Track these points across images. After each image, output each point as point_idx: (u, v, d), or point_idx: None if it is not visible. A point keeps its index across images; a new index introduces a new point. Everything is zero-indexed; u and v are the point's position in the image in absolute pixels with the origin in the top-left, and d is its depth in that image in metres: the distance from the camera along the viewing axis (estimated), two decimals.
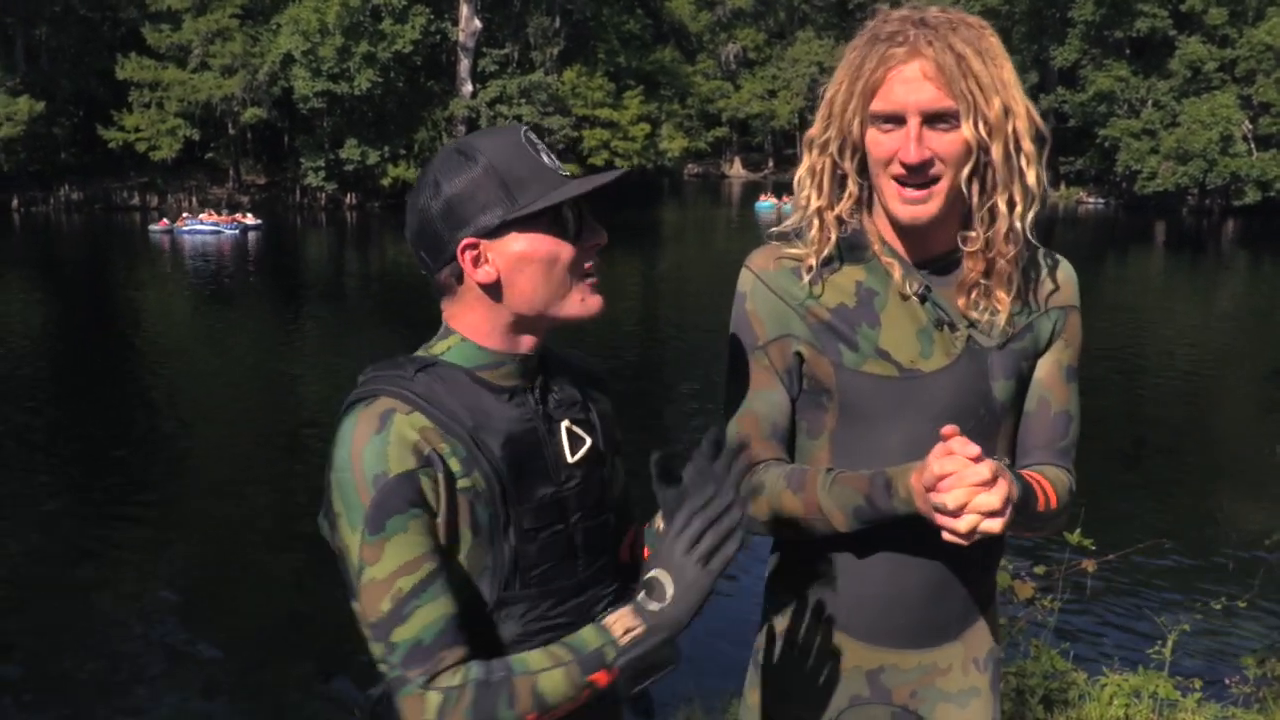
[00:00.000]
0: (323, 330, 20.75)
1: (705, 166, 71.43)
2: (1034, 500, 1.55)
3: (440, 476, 1.34)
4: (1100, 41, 48.94)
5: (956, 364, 1.63)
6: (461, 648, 1.33)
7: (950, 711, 1.75)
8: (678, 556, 1.32)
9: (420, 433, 1.35)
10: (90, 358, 17.56)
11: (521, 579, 1.41)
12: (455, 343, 1.44)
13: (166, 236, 35.79)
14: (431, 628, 1.31)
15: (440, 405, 1.37)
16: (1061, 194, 53.48)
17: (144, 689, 6.91)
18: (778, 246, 1.72)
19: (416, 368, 1.40)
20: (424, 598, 1.31)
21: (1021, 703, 4.05)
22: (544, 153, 1.42)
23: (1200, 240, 40.35)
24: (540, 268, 1.40)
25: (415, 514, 1.32)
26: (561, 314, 1.43)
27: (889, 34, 1.53)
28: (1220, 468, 11.54)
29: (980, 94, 1.51)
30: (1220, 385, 15.96)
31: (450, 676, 1.30)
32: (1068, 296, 1.71)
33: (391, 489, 1.31)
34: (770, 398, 1.70)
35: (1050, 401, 1.69)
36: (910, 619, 1.71)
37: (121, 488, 10.92)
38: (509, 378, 1.44)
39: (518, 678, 1.31)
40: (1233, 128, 44.79)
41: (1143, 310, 22.85)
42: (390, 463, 1.32)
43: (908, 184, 1.55)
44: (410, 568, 1.31)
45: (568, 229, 1.41)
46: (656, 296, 24.95)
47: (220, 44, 43.95)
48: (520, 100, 46.34)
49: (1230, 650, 6.05)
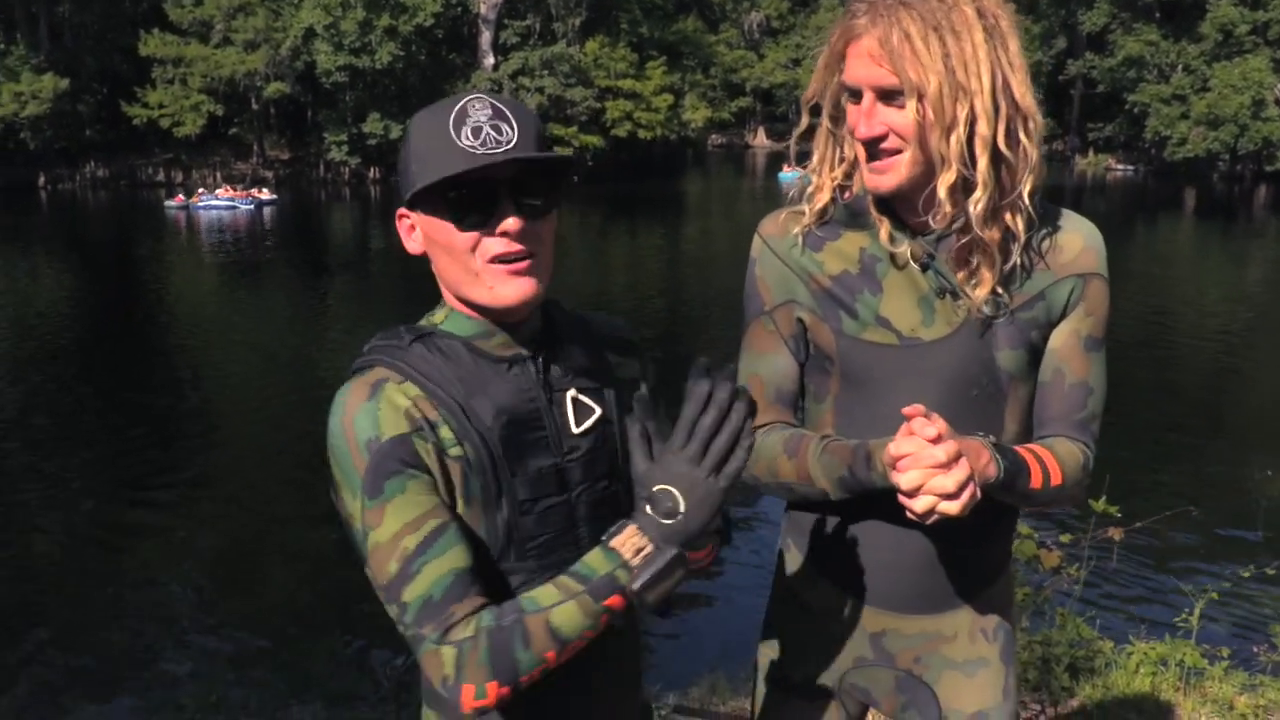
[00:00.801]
0: (344, 303, 20.87)
1: (729, 137, 71.13)
2: (1025, 478, 1.53)
3: (432, 445, 1.34)
4: (1130, 5, 48.24)
5: (958, 333, 1.61)
6: (474, 599, 1.31)
7: (957, 679, 1.75)
8: (685, 467, 1.27)
9: (412, 401, 1.35)
10: (111, 334, 17.73)
11: (518, 550, 1.40)
12: (449, 312, 1.44)
13: (182, 213, 36.04)
14: (440, 583, 1.30)
15: (433, 375, 1.37)
16: (1090, 161, 52.93)
17: (174, 661, 7.01)
18: (788, 211, 1.72)
19: (412, 337, 1.40)
20: (430, 554, 1.30)
21: (1047, 671, 4.04)
22: (470, 129, 1.33)
23: (1231, 207, 39.86)
24: (439, 250, 1.38)
25: (412, 474, 1.32)
26: (474, 299, 1.38)
27: (856, 5, 1.52)
28: (1249, 435, 11.44)
29: (921, 73, 1.45)
30: (1251, 353, 15.81)
31: (463, 628, 1.29)
32: (1087, 263, 1.63)
33: (385, 452, 1.31)
34: (775, 362, 1.71)
35: (1065, 372, 1.65)
36: (911, 584, 1.71)
37: (148, 462, 11.03)
38: (506, 346, 1.42)
39: (530, 616, 1.28)
40: (1265, 92, 44.12)
41: (1172, 278, 22.64)
42: (382, 427, 1.32)
43: (872, 156, 1.54)
44: (413, 526, 1.31)
45: (460, 213, 1.34)
46: (680, 267, 24.91)
47: (243, 19, 44.03)
48: (543, 72, 46.20)
49: (1258, 619, 6.02)
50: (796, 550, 1.82)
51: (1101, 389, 1.68)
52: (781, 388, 1.71)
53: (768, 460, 1.68)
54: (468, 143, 1.31)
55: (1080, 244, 1.64)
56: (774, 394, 1.71)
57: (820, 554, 1.77)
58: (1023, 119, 1.51)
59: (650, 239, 27.39)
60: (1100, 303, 1.65)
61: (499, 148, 1.31)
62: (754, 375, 1.73)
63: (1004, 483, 1.50)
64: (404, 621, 1.31)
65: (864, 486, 1.56)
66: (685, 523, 1.28)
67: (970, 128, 1.48)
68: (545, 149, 1.37)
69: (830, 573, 1.76)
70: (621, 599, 1.29)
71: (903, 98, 1.48)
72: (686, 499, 1.27)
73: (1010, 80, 1.50)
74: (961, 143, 1.49)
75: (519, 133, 1.33)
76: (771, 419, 1.71)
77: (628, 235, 31.31)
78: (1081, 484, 1.65)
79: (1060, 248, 1.63)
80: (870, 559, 1.71)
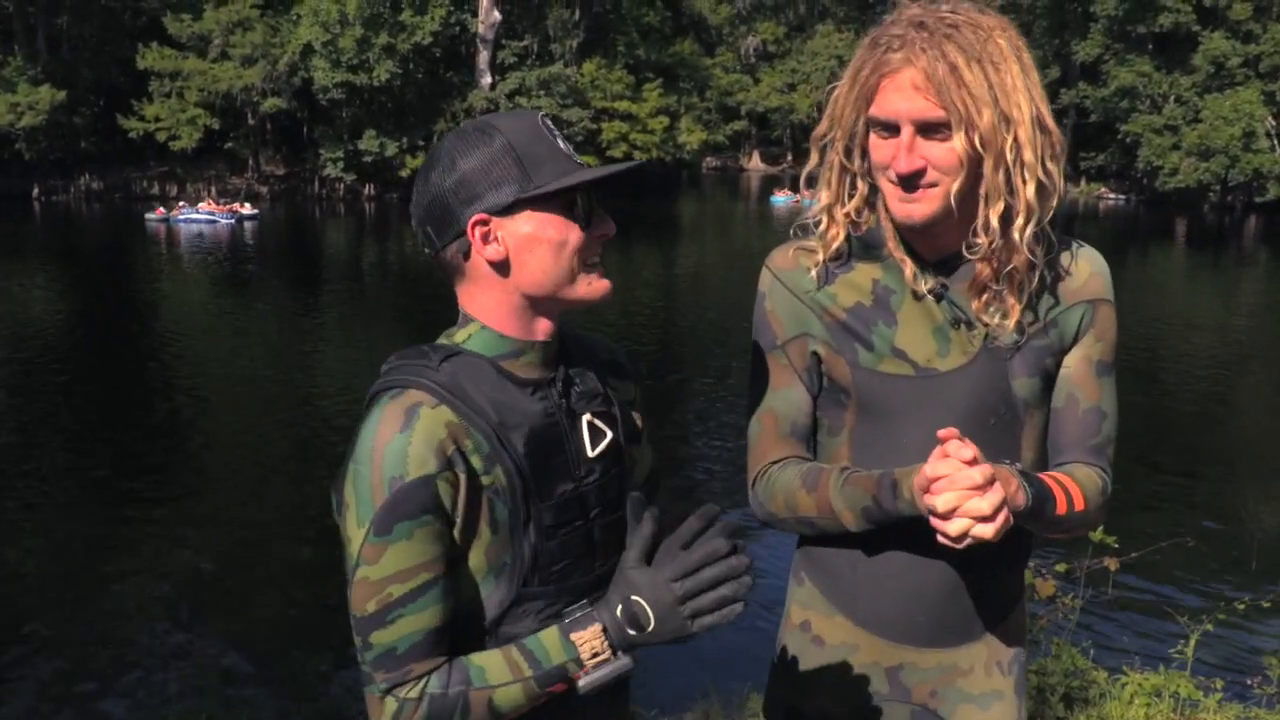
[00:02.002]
0: (329, 319, 20.83)
1: (724, 160, 71.40)
2: (1051, 505, 1.53)
3: (462, 475, 1.33)
4: (1123, 36, 48.63)
5: (974, 363, 1.61)
6: (434, 660, 1.34)
7: (972, 713, 1.74)
8: (668, 597, 1.30)
9: (447, 428, 1.33)
10: (90, 347, 17.67)
11: (540, 576, 1.40)
12: (475, 330, 1.42)
13: (162, 225, 35.85)
14: (409, 639, 1.32)
15: (466, 398, 1.36)
16: (1082, 190, 53.22)
17: (162, 676, 6.95)
18: (797, 245, 1.72)
19: (441, 357, 1.38)
20: (410, 609, 1.32)
21: (1042, 701, 4.03)
22: (560, 138, 1.42)
23: (1222, 237, 40.09)
24: (549, 249, 1.38)
25: (425, 521, 1.31)
26: (568, 296, 1.41)
27: (889, 37, 1.50)
28: (1244, 466, 11.46)
29: (972, 105, 1.46)
30: (1243, 383, 15.86)
31: (413, 688, 1.33)
32: (1096, 289, 1.65)
33: (406, 494, 1.30)
34: (790, 396, 1.71)
35: (1079, 398, 1.65)
36: (930, 617, 1.69)
37: (137, 476, 10.98)
38: (531, 369, 1.42)
39: (474, 691, 1.33)
40: (1255, 124, 44.47)
41: (1164, 308, 22.72)
42: (410, 465, 1.30)
43: (905, 189, 1.54)
44: (405, 576, 1.31)
45: (579, 215, 1.39)
46: (674, 289, 24.93)
47: (241, 34, 44.13)
48: (539, 92, 46.35)
49: (1253, 650, 6.01)
50: (810, 583, 1.80)
51: (1114, 414, 1.68)
52: (796, 422, 1.71)
53: (785, 495, 1.67)
54: (568, 150, 1.39)
55: (1089, 270, 1.65)
56: (789, 428, 1.71)
57: (835, 587, 1.75)
58: (1053, 145, 1.53)
59: (646, 260, 27.46)
60: (1109, 328, 1.67)
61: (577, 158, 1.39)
62: (768, 410, 1.72)
63: (1032, 510, 1.49)
64: (363, 657, 1.35)
65: (890, 516, 1.55)
66: (646, 639, 1.33)
67: (1015, 155, 1.50)
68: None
69: (845, 606, 1.74)
70: (565, 686, 1.34)
71: (945, 131, 1.48)
72: (657, 624, 1.31)
73: (1041, 108, 1.52)
74: (1010, 172, 1.50)
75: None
76: (786, 454, 1.71)
77: (622, 255, 31.35)
78: (1102, 509, 1.65)
79: (1070, 274, 1.64)
80: (888, 591, 1.70)
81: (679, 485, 10.42)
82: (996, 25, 1.51)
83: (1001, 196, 1.52)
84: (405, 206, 46.00)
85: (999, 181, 1.51)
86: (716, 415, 12.28)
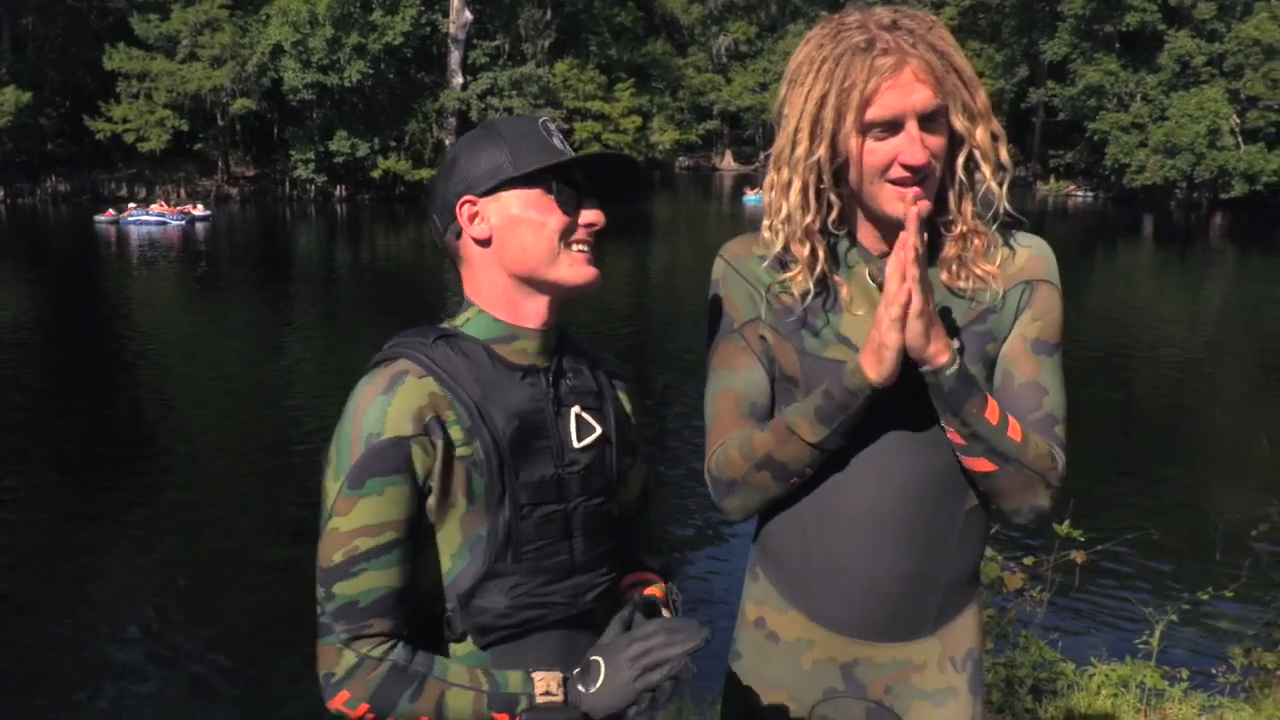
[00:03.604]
0: (294, 321, 20.62)
1: (696, 159, 71.46)
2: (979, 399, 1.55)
3: (439, 443, 1.40)
4: (1090, 35, 49.03)
5: None
6: (391, 622, 1.40)
7: (926, 709, 1.74)
8: (623, 662, 1.38)
9: (429, 397, 1.41)
10: (48, 350, 17.48)
11: (514, 552, 1.45)
12: (473, 315, 1.50)
13: (112, 227, 35.42)
14: (371, 593, 1.39)
15: (453, 373, 1.43)
16: (1051, 187, 53.62)
17: (135, 683, 6.90)
18: (751, 236, 1.75)
19: (436, 335, 1.47)
20: (375, 563, 1.38)
21: (1010, 693, 4.07)
22: (557, 138, 1.49)
23: (1188, 233, 40.49)
24: (531, 228, 1.45)
25: (395, 480, 1.38)
26: (552, 278, 1.47)
27: (866, 42, 1.53)
28: (1208, 459, 11.59)
29: (964, 87, 1.55)
30: (1208, 377, 16.04)
31: (372, 646, 1.39)
32: (1034, 270, 1.66)
33: (379, 451, 1.38)
34: (748, 376, 1.72)
35: (1014, 373, 1.64)
36: (884, 612, 1.70)
37: (108, 481, 10.86)
38: (523, 355, 1.49)
39: (431, 680, 1.39)
40: (1220, 121, 44.95)
41: (1131, 303, 22.94)
42: (386, 425, 1.38)
43: (908, 184, 1.56)
44: (373, 531, 1.38)
45: (564, 199, 1.47)
46: (648, 288, 24.95)
47: (209, 34, 43.77)
48: (511, 92, 46.23)
49: (1217, 640, 6.09)
50: (765, 578, 1.80)
51: (1058, 393, 1.66)
52: (756, 402, 1.71)
53: (741, 447, 1.67)
54: (560, 144, 1.47)
55: (1027, 253, 1.68)
56: (748, 408, 1.71)
57: (790, 582, 1.76)
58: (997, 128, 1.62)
59: (619, 259, 27.44)
60: (1048, 308, 1.66)
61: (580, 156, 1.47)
62: (727, 390, 1.73)
63: (960, 377, 1.53)
64: (324, 608, 1.41)
65: (841, 403, 1.58)
66: (590, 700, 1.39)
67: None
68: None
69: (800, 601, 1.75)
70: (509, 717, 1.41)
71: (940, 120, 1.55)
72: (605, 682, 1.39)
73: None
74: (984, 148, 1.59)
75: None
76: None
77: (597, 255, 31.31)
78: (1046, 473, 1.61)
79: (1008, 259, 1.67)
80: (841, 586, 1.70)
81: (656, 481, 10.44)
82: (935, 20, 1.59)
83: (993, 165, 1.60)
84: (377, 208, 45.36)
85: (991, 151, 1.59)
86: (690, 413, 12.31)
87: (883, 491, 1.65)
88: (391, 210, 43.31)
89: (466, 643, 1.47)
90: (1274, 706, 4.30)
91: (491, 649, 1.47)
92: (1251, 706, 4.34)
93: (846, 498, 1.67)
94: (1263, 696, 4.51)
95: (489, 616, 1.45)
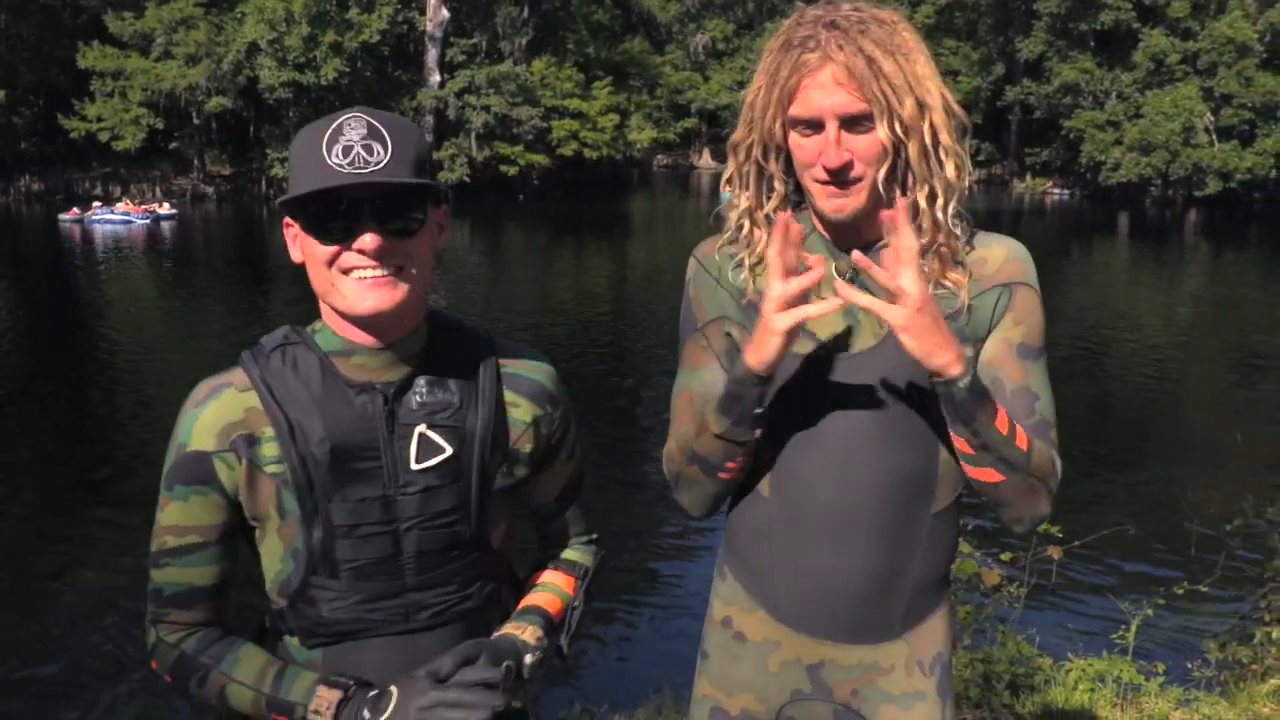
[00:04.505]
0: (259, 316, 20.45)
1: (674, 157, 71.39)
2: (990, 408, 1.52)
3: (243, 459, 1.42)
4: (1066, 34, 49.29)
5: (884, 345, 1.62)
6: (194, 614, 1.49)
7: (893, 713, 1.74)
8: (412, 709, 1.36)
9: (246, 413, 1.43)
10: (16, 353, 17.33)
11: (328, 569, 1.45)
12: (320, 326, 1.48)
13: (76, 226, 35.02)
14: (172, 587, 1.48)
15: (275, 389, 1.42)
16: (1027, 185, 53.87)
17: (112, 681, 6.84)
18: (721, 237, 1.76)
19: (275, 345, 1.46)
20: (177, 562, 1.47)
21: (988, 688, 4.09)
22: (341, 148, 1.34)
23: (1163, 230, 40.78)
24: (307, 258, 1.42)
25: (199, 490, 1.44)
26: (336, 307, 1.42)
27: (801, 39, 1.53)
28: (1183, 454, 11.68)
29: (893, 95, 1.51)
30: (1183, 373, 16.16)
31: (169, 631, 1.50)
32: (1012, 273, 1.64)
33: (183, 462, 1.44)
34: (705, 376, 1.73)
35: (1003, 380, 1.62)
36: (850, 613, 1.69)
37: (77, 481, 10.78)
38: (362, 371, 1.44)
39: (215, 673, 1.47)
40: (1195, 119, 45.27)
41: (1107, 300, 23.08)
42: (193, 438, 1.43)
43: (829, 184, 1.57)
44: (177, 532, 1.46)
45: (321, 227, 1.37)
46: (625, 286, 24.93)
47: (184, 32, 43.43)
48: (488, 90, 46.11)
49: (1193, 635, 6.13)
50: (733, 578, 1.80)
51: (1048, 397, 1.65)
52: (711, 400, 1.71)
53: (678, 441, 1.71)
54: (336, 161, 1.33)
55: (1004, 255, 1.66)
56: (703, 406, 1.71)
57: (757, 582, 1.76)
58: (959, 125, 1.59)
59: (595, 257, 27.42)
60: (1029, 312, 1.64)
61: (367, 167, 1.33)
62: (685, 389, 1.75)
63: (972, 389, 1.50)
64: (147, 585, 1.51)
65: (734, 392, 1.58)
66: None
67: (934, 137, 1.55)
68: (422, 170, 1.39)
69: (766, 602, 1.75)
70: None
71: (868, 123, 1.53)
72: (394, 715, 1.37)
73: (946, 93, 1.57)
74: (929, 154, 1.56)
75: (392, 153, 1.35)
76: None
77: (572, 254, 31.29)
78: (1047, 479, 1.60)
79: (984, 260, 1.65)
80: (807, 586, 1.70)
81: (627, 480, 10.46)
82: (899, 19, 1.57)
83: (925, 179, 1.57)
84: None
85: (922, 165, 1.56)
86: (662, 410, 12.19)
87: (849, 490, 1.65)
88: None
89: (296, 639, 1.50)
90: (1249, 700, 4.34)
91: (320, 649, 1.49)
92: (1226, 700, 4.37)
93: (812, 495, 1.67)
94: (1237, 690, 4.54)
95: (310, 622, 1.48)
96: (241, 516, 1.47)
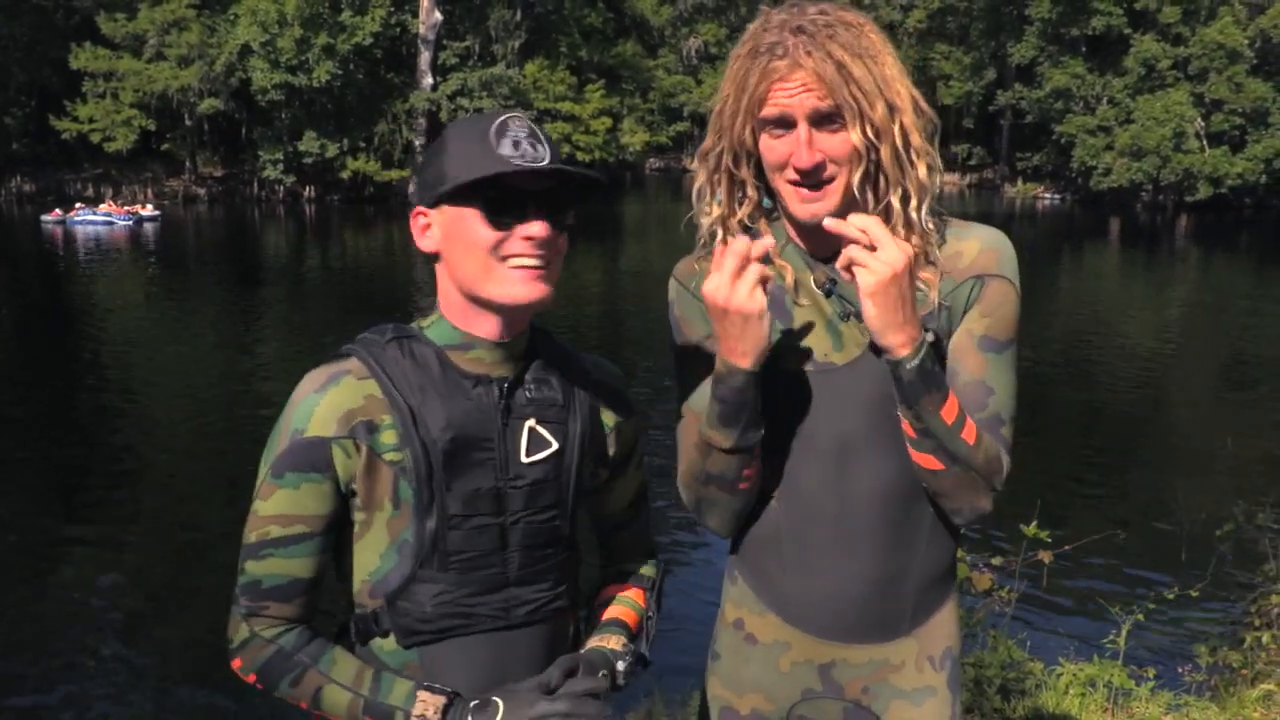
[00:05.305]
0: (254, 321, 20.41)
1: (667, 161, 71.40)
2: (941, 394, 1.52)
3: (364, 447, 1.41)
4: (1057, 39, 49.42)
5: (866, 354, 1.62)
6: (292, 608, 1.45)
7: (904, 709, 1.75)
8: (524, 711, 1.37)
9: (365, 400, 1.42)
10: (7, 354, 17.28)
11: (440, 561, 1.45)
12: (436, 319, 1.49)
13: (59, 227, 34.85)
14: (273, 579, 1.44)
15: (395, 377, 1.42)
16: (1019, 190, 54.00)
17: (99, 683, 6.82)
18: (699, 254, 1.75)
19: (391, 336, 1.46)
20: (282, 552, 1.43)
21: (979, 693, 4.09)
22: (509, 141, 1.40)
23: (1154, 235, 40.89)
24: (461, 244, 1.43)
25: (313, 478, 1.41)
26: (485, 295, 1.44)
27: (769, 45, 1.53)
28: (1174, 459, 11.70)
29: (864, 98, 1.51)
30: (1174, 379, 16.20)
31: (265, 626, 1.45)
32: (985, 264, 1.62)
33: (301, 447, 1.41)
34: (706, 392, 1.72)
35: (959, 371, 1.61)
36: (858, 614, 1.71)
37: (71, 483, 10.74)
38: (478, 364, 1.47)
39: (312, 672, 1.43)
40: (1186, 125, 45.42)
41: (1098, 305, 23.13)
42: (312, 423, 1.40)
43: (803, 185, 1.56)
44: (285, 521, 1.42)
45: (497, 212, 1.41)
46: (618, 290, 24.93)
47: (176, 34, 43.32)
48: (481, 93, 46.05)
49: (1183, 639, 6.15)
50: (743, 582, 1.81)
51: (1006, 393, 1.63)
52: (708, 418, 1.70)
53: (689, 467, 1.72)
54: (507, 152, 1.39)
55: (978, 246, 1.64)
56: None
57: (766, 587, 1.77)
58: (929, 123, 1.59)
59: (588, 259, 27.42)
60: (999, 304, 1.62)
61: (534, 163, 1.39)
62: (687, 408, 1.75)
63: (919, 371, 1.51)
64: (238, 579, 1.47)
65: (721, 394, 1.58)
66: None
67: (904, 139, 1.55)
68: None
69: (776, 604, 1.76)
70: None
71: (839, 121, 1.52)
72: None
73: (915, 93, 1.57)
74: (901, 156, 1.55)
75: (549, 153, 1.41)
76: None
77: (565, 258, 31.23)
78: (991, 476, 1.60)
79: (959, 254, 1.65)
80: (816, 589, 1.71)
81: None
82: (865, 20, 1.56)
83: (898, 181, 1.57)
84: (346, 209, 45.02)
85: (895, 167, 1.56)
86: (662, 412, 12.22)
87: (848, 498, 1.66)
88: (360, 211, 43.01)
89: (391, 639, 1.48)
90: (1239, 704, 4.34)
91: (417, 649, 1.48)
92: (1217, 705, 4.39)
93: (814, 505, 1.68)
94: (1228, 695, 4.56)
95: (411, 619, 1.46)
96: (345, 509, 1.46)
